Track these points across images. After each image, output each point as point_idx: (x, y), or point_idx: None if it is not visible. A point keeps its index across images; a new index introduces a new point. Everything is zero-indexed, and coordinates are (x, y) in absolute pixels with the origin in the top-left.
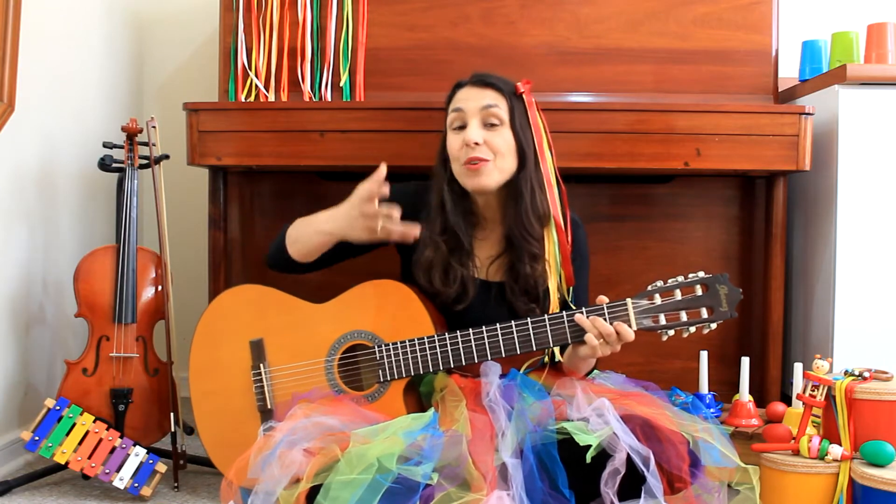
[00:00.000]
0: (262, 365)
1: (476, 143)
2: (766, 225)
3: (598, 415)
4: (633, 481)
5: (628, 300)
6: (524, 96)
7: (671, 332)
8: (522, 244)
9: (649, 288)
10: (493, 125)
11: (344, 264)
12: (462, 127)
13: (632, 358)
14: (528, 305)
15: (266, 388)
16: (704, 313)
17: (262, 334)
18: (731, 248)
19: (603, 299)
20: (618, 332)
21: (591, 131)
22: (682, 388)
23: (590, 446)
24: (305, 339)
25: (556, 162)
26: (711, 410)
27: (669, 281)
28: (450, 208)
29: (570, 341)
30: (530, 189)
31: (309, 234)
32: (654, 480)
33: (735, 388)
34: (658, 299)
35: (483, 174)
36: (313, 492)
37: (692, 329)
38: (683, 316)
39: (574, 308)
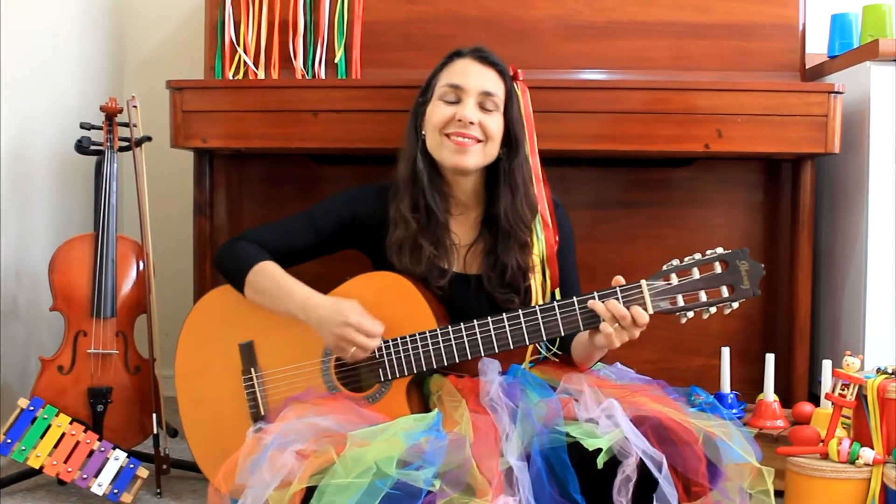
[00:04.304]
0: (253, 369)
1: (471, 123)
2: (792, 212)
3: (607, 416)
4: (645, 486)
5: (643, 282)
6: (518, 83)
7: (690, 314)
8: (513, 231)
9: (665, 268)
10: (488, 109)
11: (340, 253)
12: (454, 101)
13: (647, 355)
14: (507, 296)
15: (258, 394)
16: (725, 292)
17: (251, 336)
18: (755, 237)
19: (619, 280)
20: (632, 317)
21: (604, 111)
22: (701, 386)
23: (598, 450)
24: (298, 340)
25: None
26: (733, 411)
27: (686, 259)
28: (424, 181)
29: (581, 329)
30: (523, 179)
31: (275, 300)
32: (668, 487)
33: (759, 387)
34: (674, 279)
35: (468, 154)
36: (306, 497)
37: (713, 310)
38: (703, 296)
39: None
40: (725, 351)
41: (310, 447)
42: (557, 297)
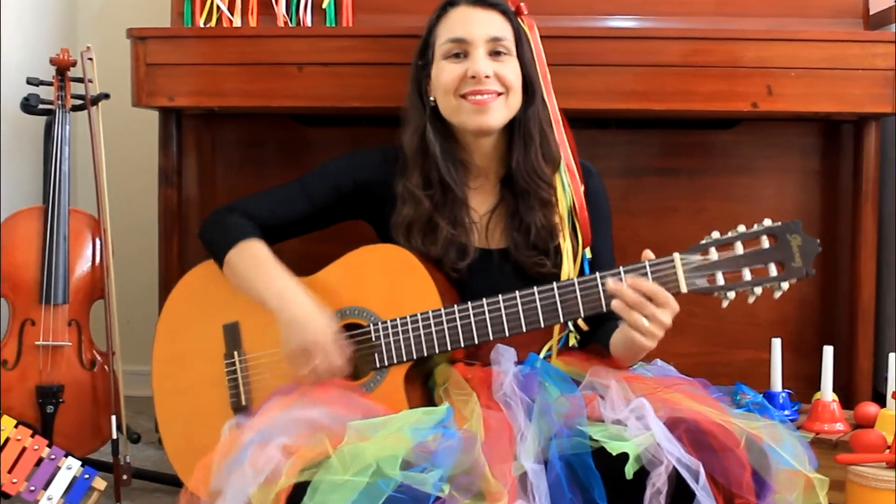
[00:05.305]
0: (236, 353)
1: (486, 77)
2: (853, 181)
3: (637, 417)
4: (681, 498)
5: (676, 255)
6: (525, 19)
7: (732, 295)
8: (532, 189)
9: (703, 241)
10: (499, 54)
11: (330, 231)
12: (460, 55)
13: (686, 347)
14: (536, 258)
15: (240, 381)
16: (773, 270)
17: (237, 317)
18: (810, 210)
19: (648, 254)
20: (649, 297)
21: (636, 64)
22: (748, 384)
23: (623, 455)
24: None
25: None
26: (785, 412)
27: (729, 233)
28: (437, 153)
29: (603, 308)
30: (539, 128)
31: (251, 283)
32: (707, 500)
33: (815, 384)
34: (714, 254)
35: (491, 111)
36: (294, 496)
37: (758, 290)
38: (747, 274)
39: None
40: (776, 342)
41: (298, 442)
42: (588, 255)
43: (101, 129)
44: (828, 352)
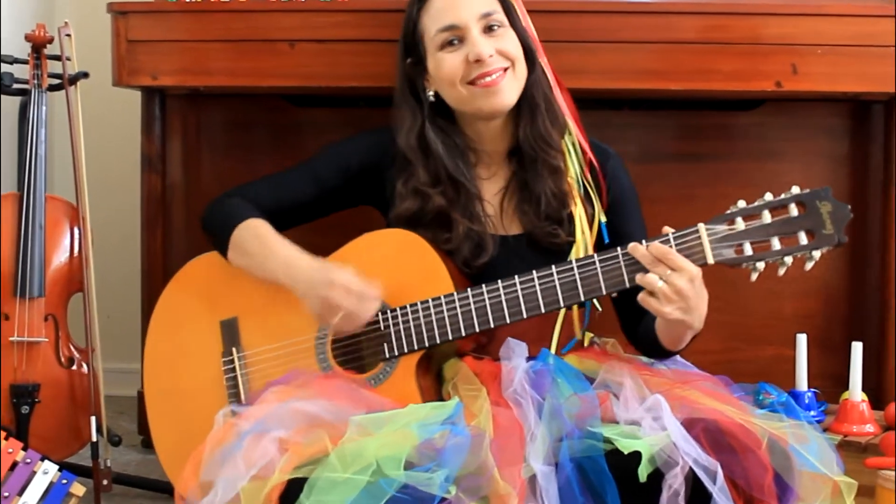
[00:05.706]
0: (234, 349)
1: (490, 56)
2: (884, 165)
3: (653, 417)
4: (696, 500)
5: (700, 225)
6: None
7: (761, 266)
8: (540, 157)
9: (729, 210)
10: (493, 28)
11: (331, 220)
12: (454, 42)
13: (706, 344)
14: (549, 228)
15: (239, 378)
16: (803, 239)
17: (236, 312)
18: (839, 196)
19: (667, 230)
20: (660, 259)
21: (651, 41)
22: (772, 382)
23: (635, 454)
24: (290, 314)
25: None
26: (811, 413)
27: (756, 201)
28: (440, 150)
29: (626, 283)
30: (543, 94)
31: (258, 261)
32: (725, 502)
33: (843, 383)
34: (741, 224)
35: (503, 91)
36: (290, 493)
37: (789, 260)
38: (776, 244)
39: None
40: (801, 338)
41: (295, 437)
42: (603, 219)
43: (80, 111)
44: (857, 348)
